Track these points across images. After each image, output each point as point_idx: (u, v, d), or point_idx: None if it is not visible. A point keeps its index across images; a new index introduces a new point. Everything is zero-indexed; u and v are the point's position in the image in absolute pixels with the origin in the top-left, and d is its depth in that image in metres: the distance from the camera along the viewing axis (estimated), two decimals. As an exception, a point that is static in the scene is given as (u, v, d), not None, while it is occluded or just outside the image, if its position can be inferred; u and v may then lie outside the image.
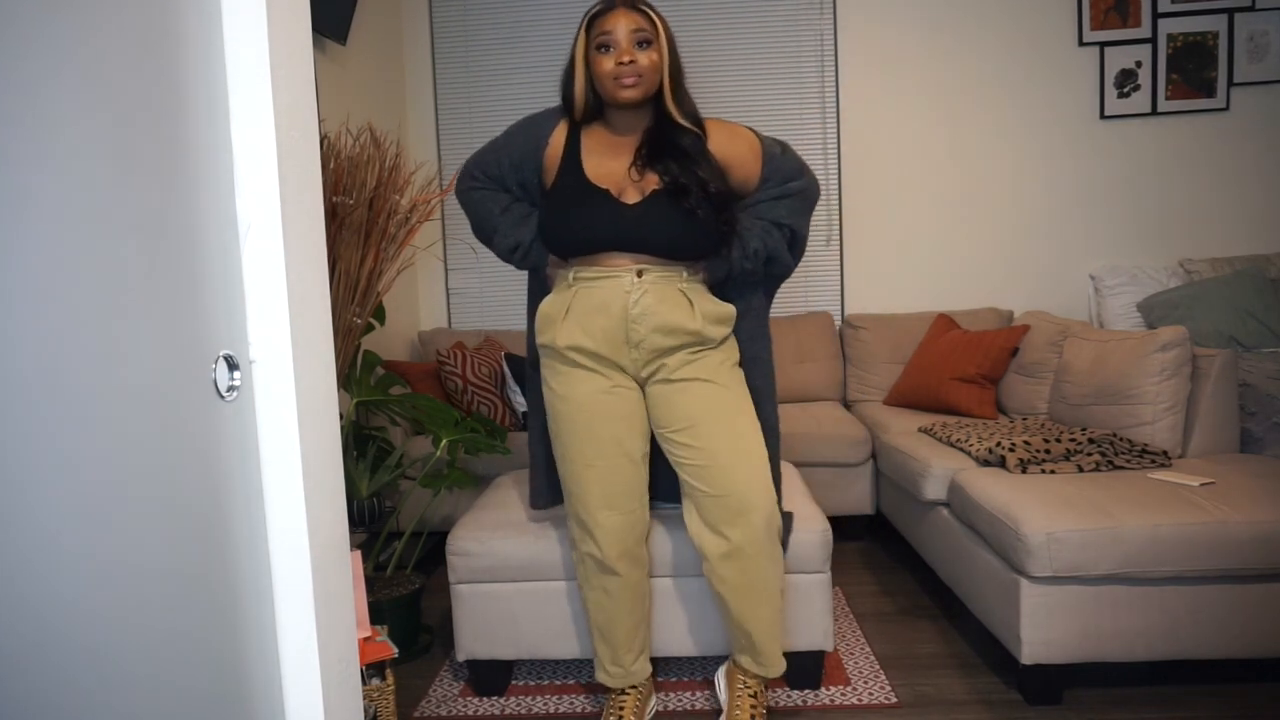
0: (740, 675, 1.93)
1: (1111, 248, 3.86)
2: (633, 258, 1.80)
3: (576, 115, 1.86)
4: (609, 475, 1.86)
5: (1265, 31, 3.72)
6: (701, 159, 1.80)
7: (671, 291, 1.81)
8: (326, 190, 2.07)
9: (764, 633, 1.85)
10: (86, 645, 0.85)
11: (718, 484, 1.79)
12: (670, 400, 1.84)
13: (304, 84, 1.24)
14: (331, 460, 1.30)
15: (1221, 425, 2.47)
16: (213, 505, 1.07)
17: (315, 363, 1.25)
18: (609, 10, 1.77)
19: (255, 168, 1.14)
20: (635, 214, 1.78)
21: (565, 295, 1.85)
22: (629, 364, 1.84)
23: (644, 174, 1.80)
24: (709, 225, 1.78)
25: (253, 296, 1.16)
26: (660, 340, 1.81)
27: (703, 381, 1.83)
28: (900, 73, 3.87)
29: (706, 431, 1.81)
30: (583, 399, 1.84)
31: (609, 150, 1.85)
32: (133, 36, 0.95)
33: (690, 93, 1.87)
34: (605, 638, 1.95)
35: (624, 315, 1.79)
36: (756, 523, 1.78)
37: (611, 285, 1.80)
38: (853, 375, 3.76)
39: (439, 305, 4.09)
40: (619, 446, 1.85)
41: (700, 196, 1.75)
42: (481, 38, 3.95)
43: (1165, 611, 1.95)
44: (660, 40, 1.78)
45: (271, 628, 1.20)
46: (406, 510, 2.95)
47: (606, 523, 1.87)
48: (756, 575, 1.81)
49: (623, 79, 1.75)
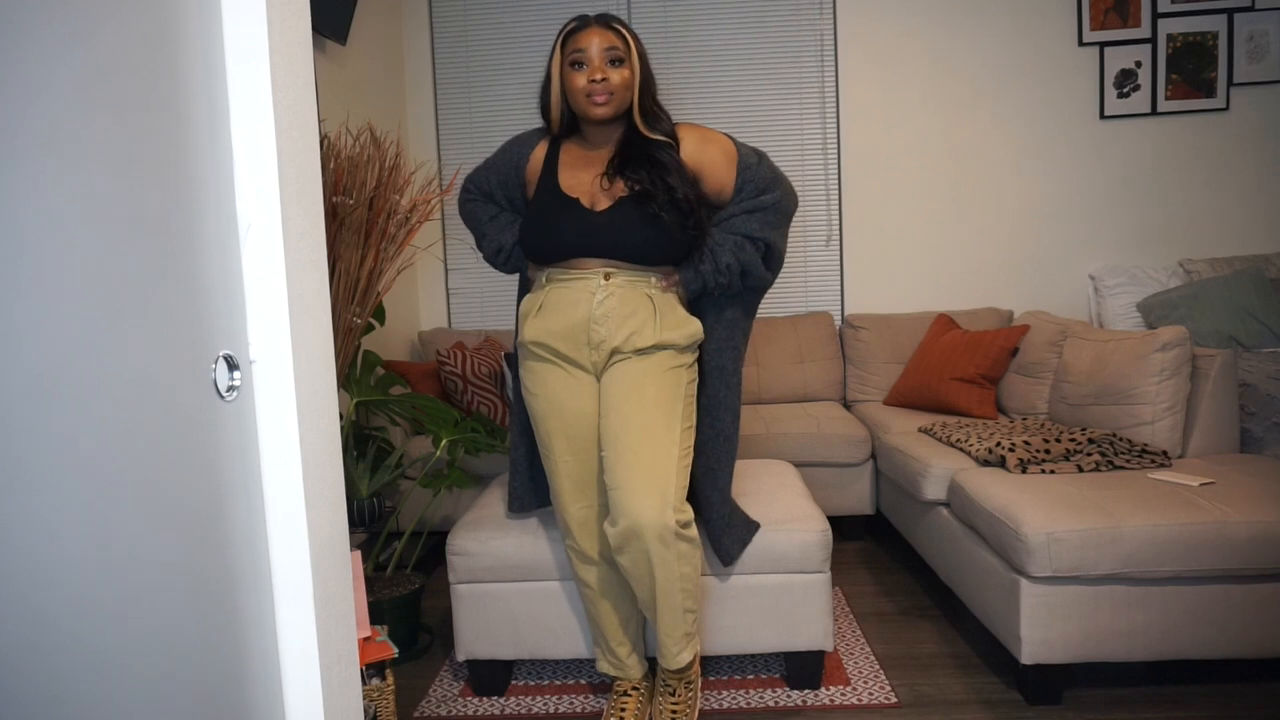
0: (661, 674, 1.94)
1: (1111, 248, 3.86)
2: (602, 262, 1.86)
3: (553, 129, 1.94)
4: (577, 468, 1.92)
5: (1265, 31, 3.72)
6: (671, 167, 1.84)
7: (637, 295, 1.86)
8: (326, 190, 2.08)
9: (661, 623, 1.84)
10: (86, 645, 0.85)
11: (612, 475, 1.81)
12: (604, 389, 1.88)
13: (304, 84, 1.24)
14: (331, 460, 1.30)
15: (1221, 425, 2.47)
16: (213, 505, 1.07)
17: (315, 363, 1.25)
18: (583, 28, 1.83)
19: (255, 168, 1.14)
20: (602, 220, 1.84)
21: (539, 294, 1.93)
22: (588, 363, 1.89)
23: (613, 182, 1.86)
24: (674, 230, 1.82)
25: (253, 296, 1.16)
26: (616, 346, 1.85)
27: (637, 371, 1.85)
28: (900, 73, 3.88)
29: (614, 421, 1.83)
30: (550, 394, 1.91)
31: (582, 163, 1.92)
32: (133, 36, 0.95)
33: (664, 105, 1.92)
34: (596, 628, 2.00)
35: (587, 315, 1.85)
36: (640, 530, 1.74)
37: (580, 286, 1.87)
38: (853, 375, 3.76)
39: (439, 305, 4.09)
40: (585, 440, 1.90)
41: (665, 201, 1.80)
42: (481, 38, 3.95)
43: (1165, 611, 1.95)
44: (632, 58, 1.84)
45: (271, 628, 1.20)
46: (406, 510, 2.95)
47: (578, 515, 1.93)
48: (646, 572, 1.78)
49: (594, 96, 1.82)
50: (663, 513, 1.75)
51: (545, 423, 1.93)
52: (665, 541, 1.75)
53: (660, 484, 1.77)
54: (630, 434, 1.81)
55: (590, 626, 2.02)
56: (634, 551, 1.78)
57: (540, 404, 1.93)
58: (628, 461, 1.78)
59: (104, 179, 0.89)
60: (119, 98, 0.92)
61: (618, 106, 1.84)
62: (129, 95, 0.94)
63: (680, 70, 3.90)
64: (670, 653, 1.87)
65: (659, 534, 1.74)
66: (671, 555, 1.77)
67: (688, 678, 1.92)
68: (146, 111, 0.97)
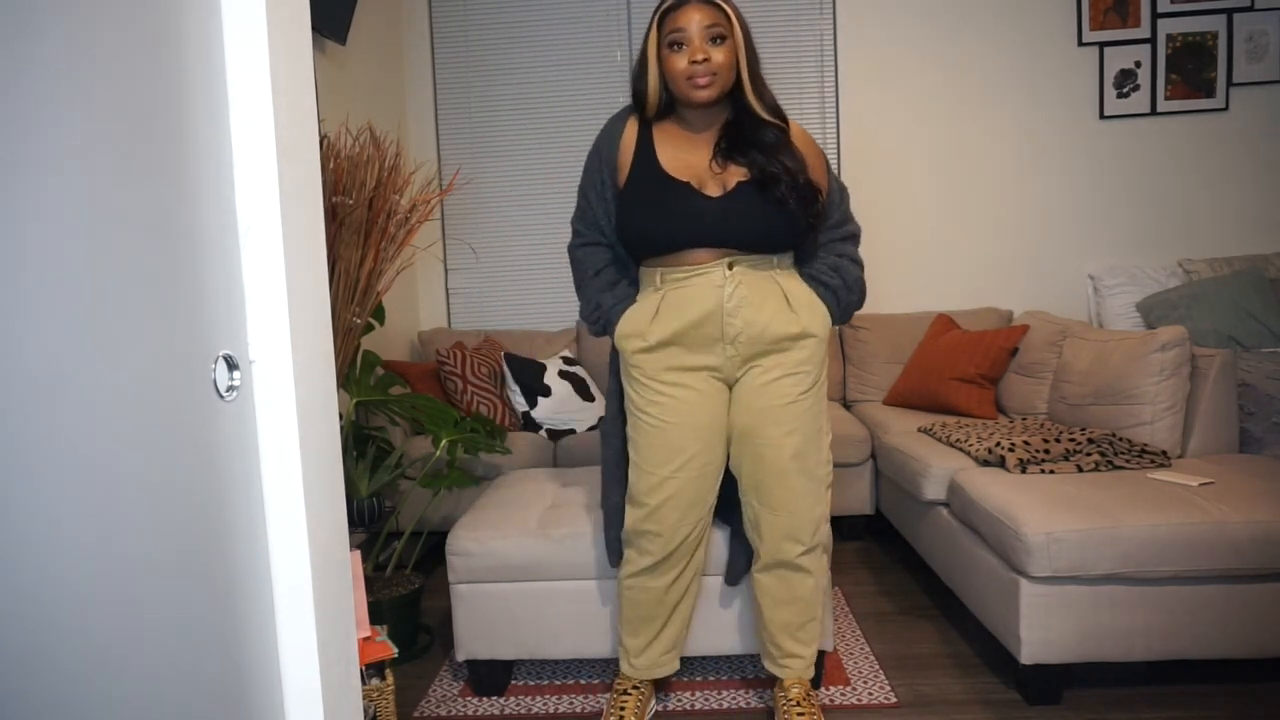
0: (778, 692, 1.96)
1: (1111, 248, 3.87)
2: (719, 252, 1.73)
3: (650, 113, 1.79)
4: (688, 487, 1.81)
5: (1264, 32, 3.73)
6: (785, 150, 1.73)
7: (765, 280, 1.76)
8: (326, 190, 2.08)
9: (803, 637, 1.93)
10: (86, 644, 0.85)
11: (766, 499, 1.84)
12: (747, 407, 1.80)
13: (304, 84, 1.24)
14: (331, 460, 1.30)
15: (1221, 425, 2.47)
16: (213, 505, 1.07)
17: (315, 363, 1.25)
18: (681, 5, 1.69)
19: (255, 168, 1.14)
20: (720, 207, 1.71)
21: (653, 299, 1.78)
22: (723, 363, 1.79)
23: (725, 166, 1.74)
24: (798, 216, 1.72)
25: (253, 296, 1.16)
26: (757, 343, 1.77)
27: (780, 391, 1.78)
28: (900, 73, 3.88)
29: (765, 447, 1.80)
30: (679, 413, 1.78)
31: (685, 145, 1.78)
32: (132, 37, 0.95)
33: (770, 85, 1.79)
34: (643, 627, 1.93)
35: (719, 309, 1.73)
36: (792, 559, 1.85)
37: (702, 282, 1.73)
38: (852, 375, 3.76)
39: (439, 305, 4.09)
40: (710, 455, 1.82)
41: (790, 185, 1.69)
42: (481, 38, 3.95)
43: (1164, 611, 1.95)
44: (735, 34, 1.70)
45: (271, 628, 1.20)
46: (406, 510, 2.95)
47: (680, 533, 1.84)
48: (788, 591, 1.89)
49: (696, 79, 1.68)
50: (813, 544, 1.86)
51: (667, 437, 1.78)
52: (814, 561, 1.87)
53: (814, 524, 1.85)
54: (781, 467, 1.80)
55: (627, 629, 1.94)
56: (784, 572, 1.86)
57: (658, 423, 1.78)
58: (782, 500, 1.82)
59: (104, 179, 0.89)
60: (119, 98, 0.92)
61: (722, 88, 1.70)
62: (129, 95, 0.94)
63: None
64: (806, 663, 1.93)
65: (811, 558, 1.86)
66: (819, 566, 1.89)
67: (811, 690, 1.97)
68: (146, 111, 0.97)
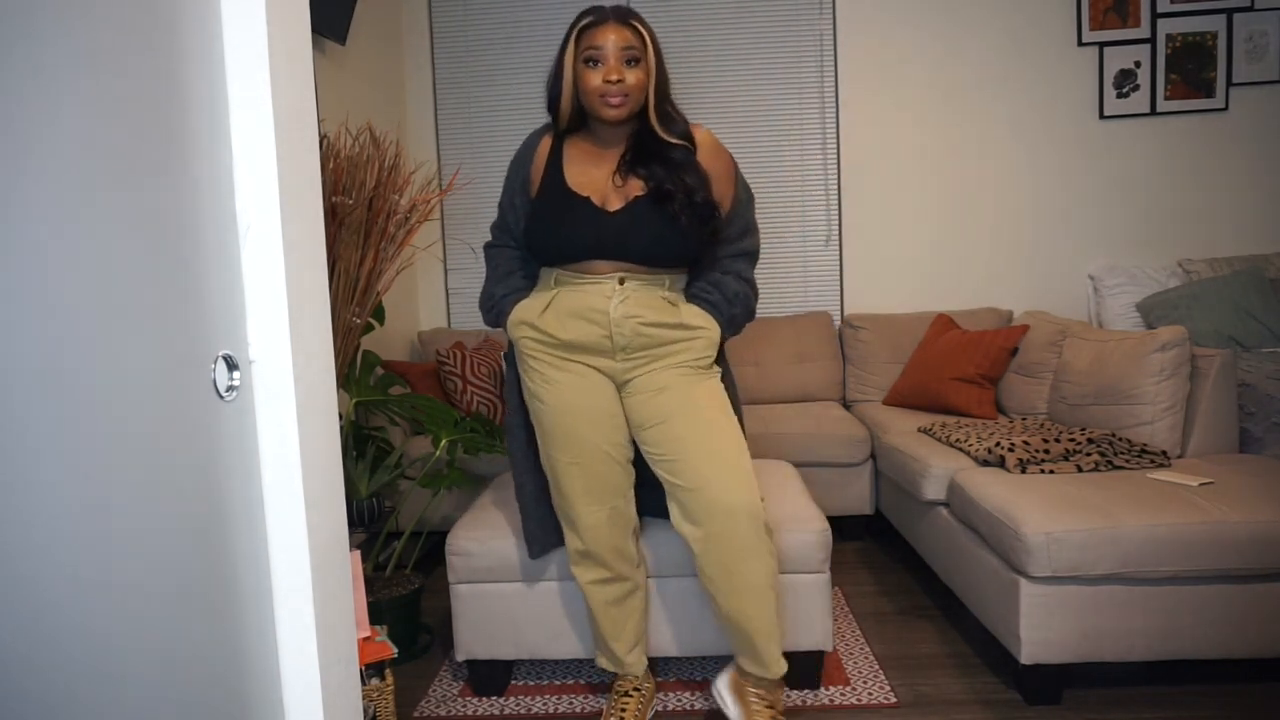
0: (749, 687, 1.86)
1: (1111, 248, 3.86)
2: (614, 265, 1.79)
3: (560, 124, 1.84)
4: (591, 470, 1.86)
5: (1264, 32, 3.73)
6: (688, 167, 1.78)
7: (653, 297, 1.81)
8: (326, 190, 2.07)
9: (757, 630, 1.79)
10: (85, 644, 0.85)
11: (690, 477, 1.77)
12: (646, 401, 1.83)
13: (304, 84, 1.24)
14: (331, 460, 1.30)
15: (1220, 425, 2.47)
16: (212, 505, 1.07)
17: (315, 363, 1.25)
18: (600, 24, 1.74)
19: (255, 168, 1.14)
20: (617, 221, 1.77)
21: (546, 295, 1.84)
22: (608, 367, 1.84)
23: (627, 180, 1.79)
24: (692, 233, 1.77)
25: (252, 296, 1.16)
26: (643, 338, 1.80)
27: (678, 378, 1.82)
28: (900, 73, 3.88)
29: (679, 425, 1.79)
30: (564, 394, 1.83)
31: (591, 159, 1.84)
32: (132, 36, 0.95)
33: (677, 103, 1.85)
34: (596, 625, 1.97)
35: (606, 320, 1.79)
36: (735, 515, 1.74)
37: (594, 290, 1.80)
38: (852, 375, 3.76)
39: (439, 305, 4.09)
40: (602, 440, 1.85)
41: (684, 203, 1.74)
42: (481, 38, 3.95)
43: (1164, 611, 1.95)
44: (648, 57, 1.75)
45: (271, 628, 1.20)
46: (406, 510, 2.95)
47: (590, 518, 1.88)
48: (739, 569, 1.77)
49: (609, 98, 1.74)
50: (755, 501, 1.75)
51: (554, 430, 1.85)
52: (759, 533, 1.75)
53: (747, 477, 1.77)
54: (700, 434, 1.78)
55: (591, 625, 2.00)
56: (725, 548, 1.75)
57: (551, 406, 1.84)
58: (709, 461, 1.76)
59: (104, 179, 0.89)
60: (118, 98, 0.92)
61: (632, 108, 1.76)
62: (129, 95, 0.94)
63: (680, 70, 3.87)
64: (772, 657, 1.81)
65: (753, 522, 1.74)
66: (765, 548, 1.77)
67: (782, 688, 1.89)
68: (146, 111, 0.97)
